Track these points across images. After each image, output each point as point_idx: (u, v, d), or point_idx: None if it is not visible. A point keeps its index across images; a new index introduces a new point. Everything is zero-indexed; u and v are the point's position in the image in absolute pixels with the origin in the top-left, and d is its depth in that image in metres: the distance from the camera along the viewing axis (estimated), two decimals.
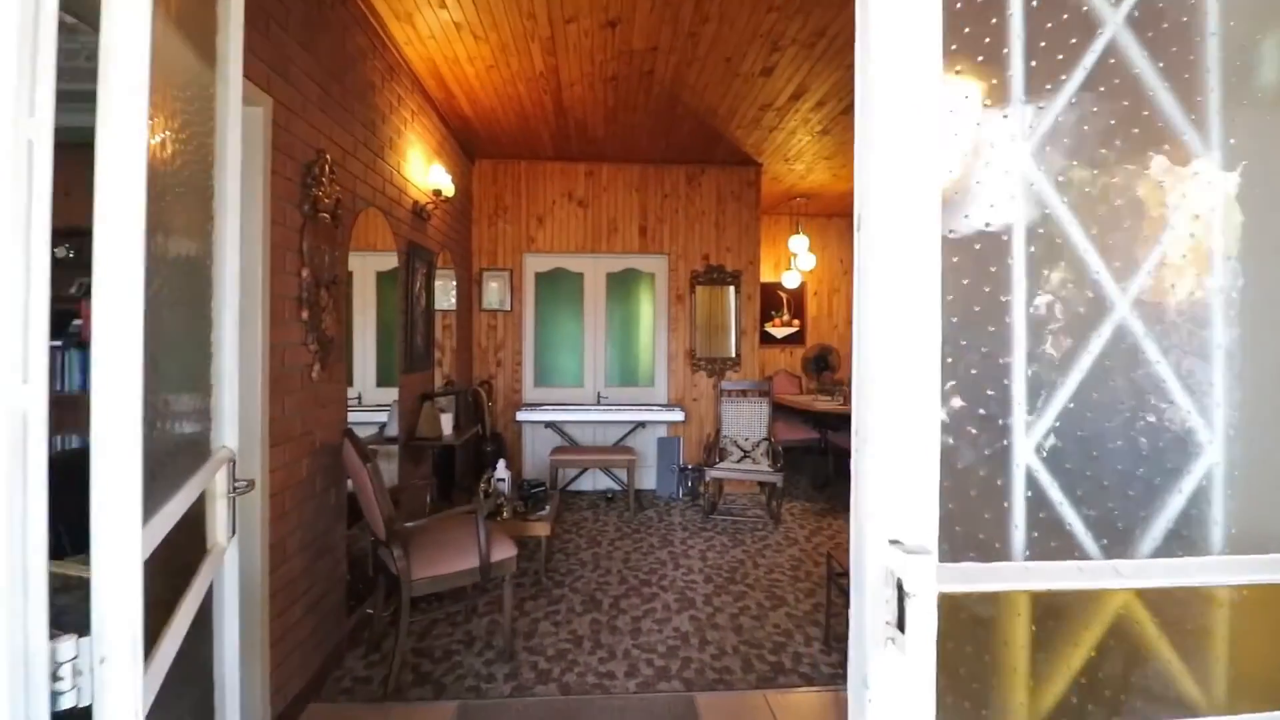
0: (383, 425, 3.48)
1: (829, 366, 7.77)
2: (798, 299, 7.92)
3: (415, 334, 3.65)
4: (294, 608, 2.33)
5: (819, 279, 7.97)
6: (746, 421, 5.17)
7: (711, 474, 4.77)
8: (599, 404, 5.57)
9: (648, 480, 5.61)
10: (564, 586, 3.51)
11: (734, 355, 5.65)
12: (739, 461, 4.98)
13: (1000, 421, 0.89)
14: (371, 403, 3.54)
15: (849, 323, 8.18)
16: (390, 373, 3.50)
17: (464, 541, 2.61)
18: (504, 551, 2.66)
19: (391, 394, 3.50)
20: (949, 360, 0.86)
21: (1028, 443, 0.89)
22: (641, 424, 5.45)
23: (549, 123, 4.60)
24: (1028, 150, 0.90)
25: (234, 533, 1.35)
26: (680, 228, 5.63)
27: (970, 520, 0.88)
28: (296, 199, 2.35)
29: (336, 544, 2.71)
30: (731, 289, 5.65)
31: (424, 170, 3.95)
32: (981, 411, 0.88)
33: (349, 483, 2.71)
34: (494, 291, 5.53)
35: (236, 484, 1.33)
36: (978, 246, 0.89)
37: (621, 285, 5.73)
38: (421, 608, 3.07)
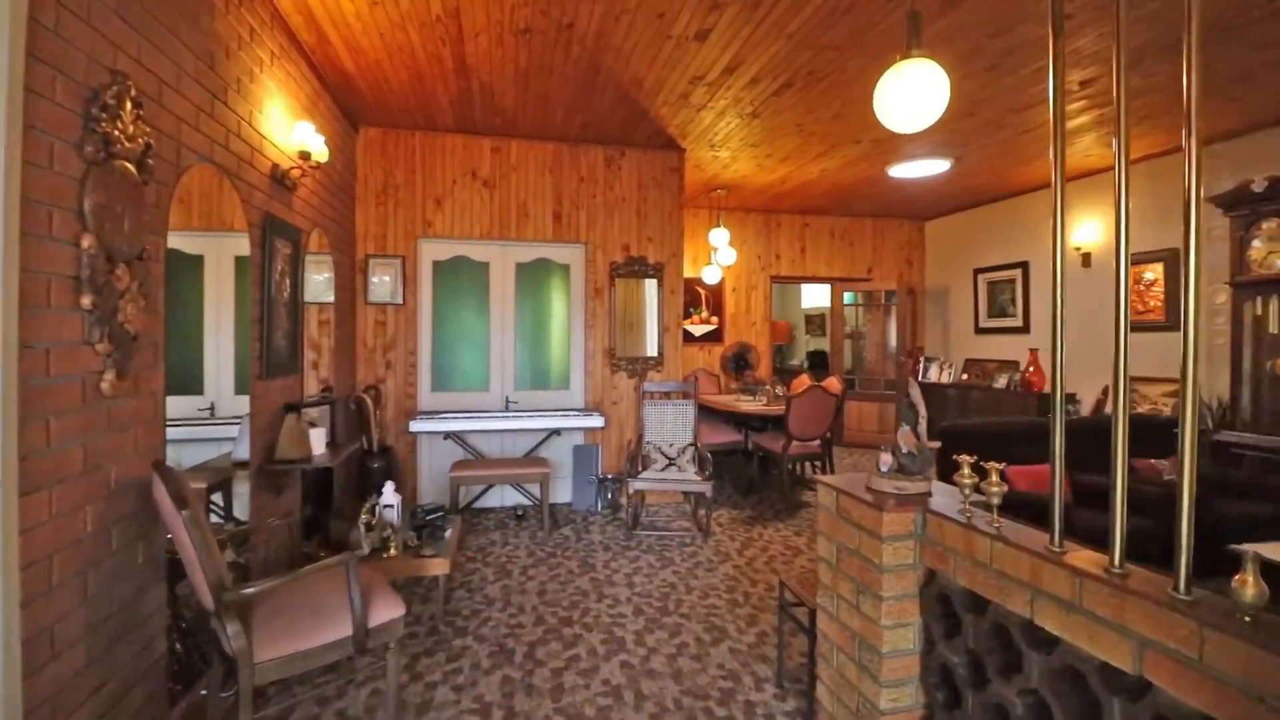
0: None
1: (749, 365, 7.56)
2: (716, 295, 7.66)
3: (275, 330, 2.93)
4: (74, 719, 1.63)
5: (737, 275, 7.76)
6: (671, 426, 4.78)
7: (635, 485, 4.32)
8: (508, 410, 4.97)
9: (563, 493, 5.08)
10: (467, 634, 2.93)
11: (656, 354, 5.24)
12: (664, 470, 4.58)
13: None
14: (229, 414, 2.80)
15: (767, 319, 8.05)
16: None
17: (330, 604, 1.99)
18: (387, 611, 2.06)
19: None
20: None
21: None
22: (556, 432, 4.91)
23: (448, 84, 3.96)
24: None
25: None
26: (599, 215, 5.14)
27: None
28: (75, 136, 1.65)
29: (149, 616, 2.00)
30: (654, 282, 5.23)
31: (288, 127, 3.21)
32: None
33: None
34: (383, 283, 4.78)
35: None
36: None
37: (533, 277, 5.15)
38: (276, 685, 2.40)
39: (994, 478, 1.63)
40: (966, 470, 1.72)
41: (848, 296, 8.29)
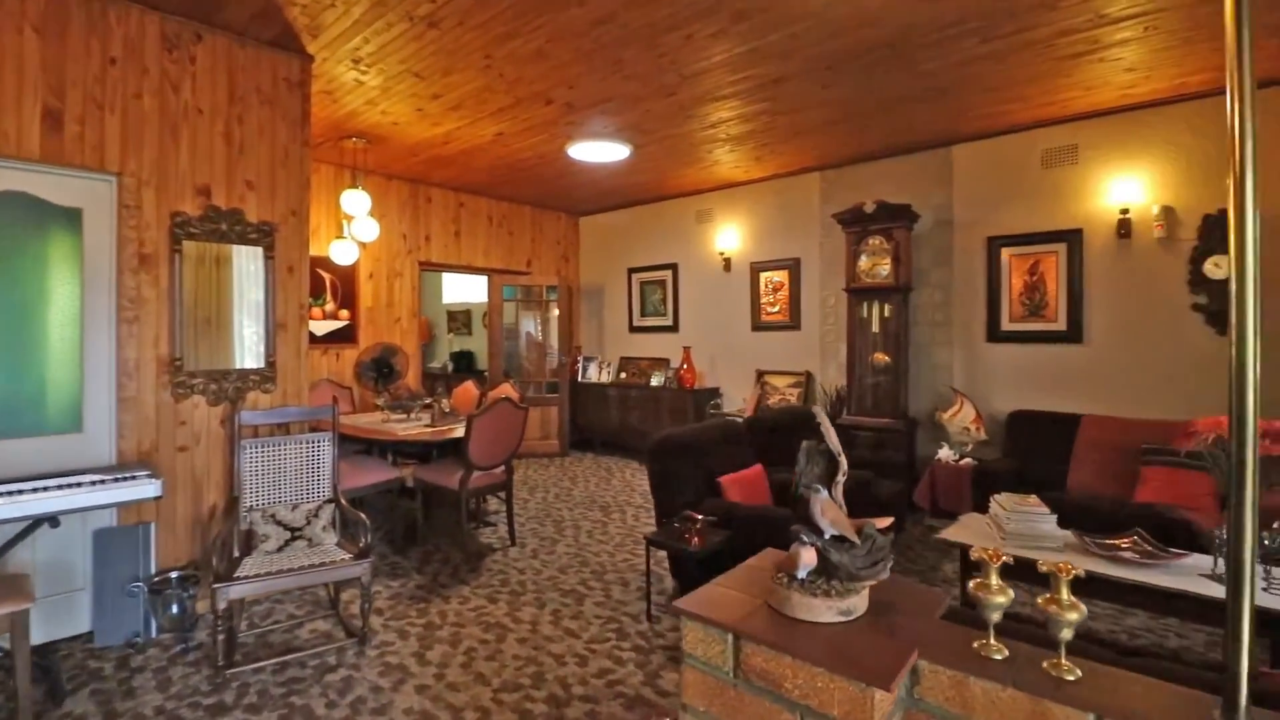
0: None
1: (395, 373, 6.01)
2: (347, 282, 5.86)
3: None
4: None
5: (377, 257, 6.09)
6: (294, 476, 3.09)
7: (231, 591, 2.56)
8: None
9: (75, 617, 2.84)
10: None
11: (264, 364, 3.40)
12: (283, 550, 2.89)
13: None
14: None
15: (416, 314, 6.58)
16: None
17: None
18: None
19: None
20: None
21: None
22: (51, 519, 2.65)
23: None
24: None
25: None
26: (151, 129, 3.03)
27: None
28: None
29: None
30: (256, 252, 3.36)
31: None
32: None
33: None
34: None
35: None
36: None
37: (2, 228, 2.73)
38: None
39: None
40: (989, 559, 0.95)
41: (507, 291, 7.43)
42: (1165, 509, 3.60)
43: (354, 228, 5.19)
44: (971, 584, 1.07)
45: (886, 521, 1.18)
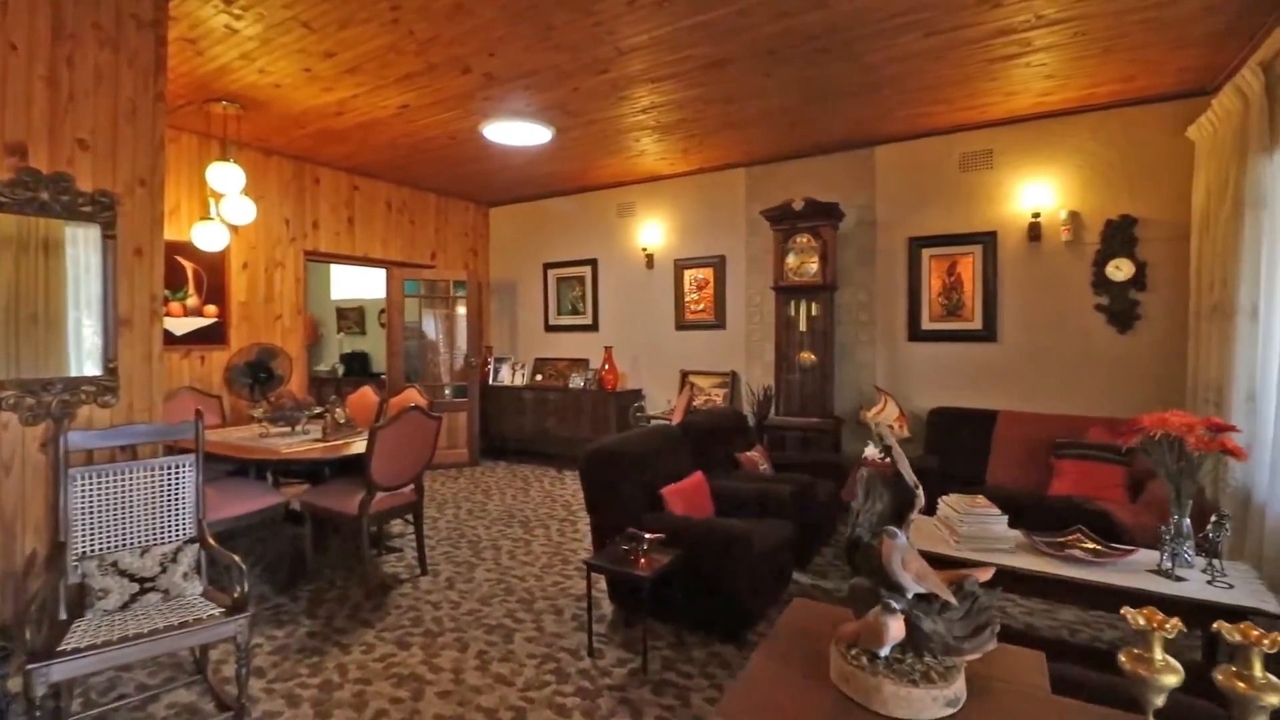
0: None
1: (275, 378, 5.25)
2: (215, 273, 5.02)
3: None
4: None
5: (253, 245, 5.29)
6: (145, 511, 2.47)
7: (55, 673, 1.93)
8: None
9: None
10: None
11: (102, 372, 2.69)
12: (129, 607, 2.27)
13: None
14: None
15: (301, 311, 5.78)
16: None
17: None
18: None
19: None
20: None
21: None
22: None
23: None
24: None
25: None
26: None
27: None
28: None
29: None
30: (91, 233, 2.66)
31: None
32: None
33: None
34: None
35: None
36: None
37: None
38: None
39: None
40: None
41: (409, 286, 6.75)
42: (1083, 501, 3.73)
43: (224, 208, 4.42)
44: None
45: (988, 573, 0.92)
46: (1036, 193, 4.57)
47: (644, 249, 6.35)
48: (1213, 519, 2.50)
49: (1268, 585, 2.41)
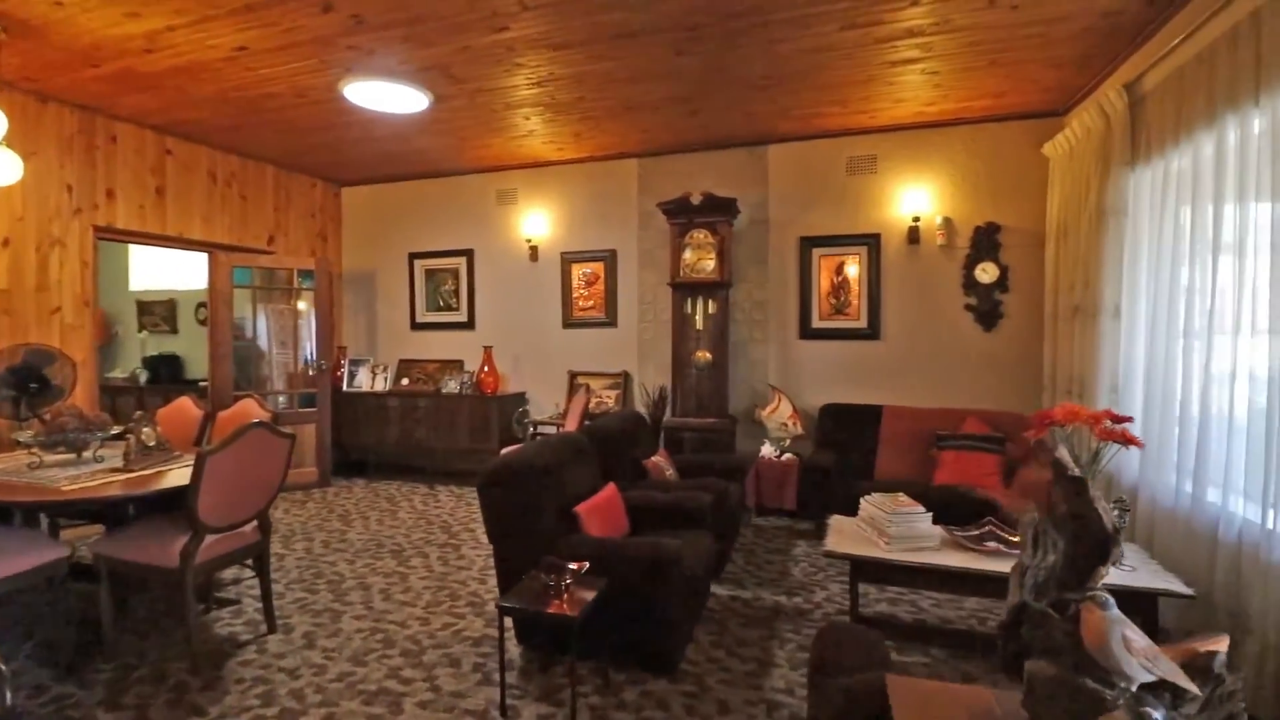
0: None
1: (50, 388, 4.08)
2: None
3: None
4: None
5: (17, 216, 4.07)
6: None
7: None
8: None
9: None
10: None
11: None
12: None
13: None
14: None
15: (90, 303, 4.54)
16: None
17: None
18: None
19: None
20: None
21: None
22: None
23: None
24: None
25: None
26: None
27: None
28: None
29: None
30: None
31: None
32: None
33: None
34: None
35: None
36: None
37: None
38: None
39: None
40: None
41: (239, 275, 5.65)
42: (967, 490, 3.91)
43: None
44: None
45: (1223, 641, 0.68)
46: (916, 198, 4.78)
47: (528, 240, 5.86)
48: (1113, 505, 2.63)
49: (1162, 566, 2.59)
